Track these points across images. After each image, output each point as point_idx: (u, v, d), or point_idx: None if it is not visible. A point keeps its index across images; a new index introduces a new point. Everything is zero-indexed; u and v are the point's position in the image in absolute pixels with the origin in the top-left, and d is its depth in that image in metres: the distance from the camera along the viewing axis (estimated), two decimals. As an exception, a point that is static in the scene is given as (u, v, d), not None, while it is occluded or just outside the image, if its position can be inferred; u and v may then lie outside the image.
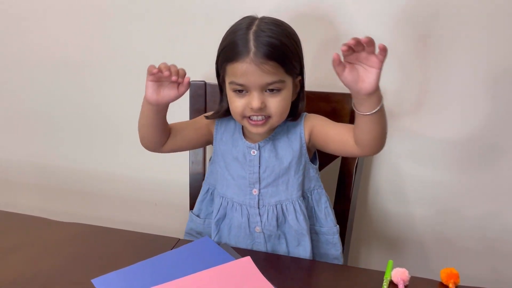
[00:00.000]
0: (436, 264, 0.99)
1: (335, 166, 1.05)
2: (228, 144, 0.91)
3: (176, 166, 1.29)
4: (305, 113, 0.91)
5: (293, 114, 0.88)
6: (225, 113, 0.89)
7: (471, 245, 1.14)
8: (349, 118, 1.01)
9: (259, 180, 0.89)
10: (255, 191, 0.89)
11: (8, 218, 1.00)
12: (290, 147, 0.88)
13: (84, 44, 1.28)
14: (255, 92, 0.80)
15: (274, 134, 0.89)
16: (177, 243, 0.89)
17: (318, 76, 1.10)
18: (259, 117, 0.82)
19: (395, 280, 0.77)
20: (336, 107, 1.02)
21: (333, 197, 1.04)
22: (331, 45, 1.09)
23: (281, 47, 0.79)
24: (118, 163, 1.38)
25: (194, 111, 1.10)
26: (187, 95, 1.10)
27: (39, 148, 1.44)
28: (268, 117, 0.83)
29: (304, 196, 0.91)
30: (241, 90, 0.81)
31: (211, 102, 1.09)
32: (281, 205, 0.89)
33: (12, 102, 1.42)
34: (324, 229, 0.93)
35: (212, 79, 1.14)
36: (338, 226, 0.95)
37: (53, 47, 1.31)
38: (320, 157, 1.02)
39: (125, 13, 1.22)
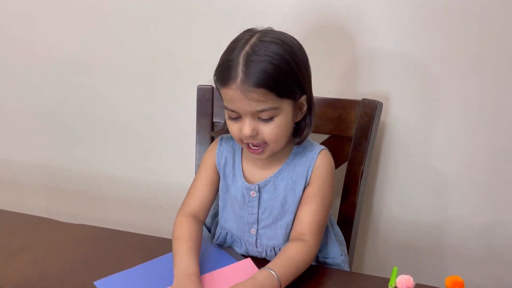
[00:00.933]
0: (441, 272, 0.98)
1: (341, 172, 1.05)
2: (228, 179, 0.87)
3: (182, 169, 1.30)
4: (323, 148, 0.86)
5: (298, 135, 0.83)
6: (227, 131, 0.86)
7: (476, 253, 1.14)
8: (356, 125, 1.01)
9: (257, 221, 0.86)
10: (253, 231, 0.87)
11: (16, 218, 1.01)
12: (293, 191, 0.84)
13: (92, 45, 1.29)
14: (247, 119, 0.76)
15: (278, 172, 0.84)
16: (182, 246, 0.89)
17: (326, 82, 1.11)
18: (256, 146, 0.79)
19: (399, 287, 0.77)
20: (343, 114, 1.03)
21: (338, 203, 1.04)
22: (339, 50, 1.09)
23: (273, 73, 0.72)
24: (124, 166, 1.39)
25: (201, 115, 1.11)
26: (194, 99, 1.11)
27: (46, 150, 1.46)
28: (264, 144, 0.79)
29: None
30: (234, 115, 0.77)
31: (217, 106, 1.09)
32: (279, 247, 0.86)
33: (19, 104, 1.43)
34: (329, 260, 0.91)
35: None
36: (343, 255, 0.92)
37: (60, 48, 1.33)
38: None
39: (133, 14, 1.23)
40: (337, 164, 1.06)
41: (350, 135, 1.02)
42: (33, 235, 0.94)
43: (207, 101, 1.10)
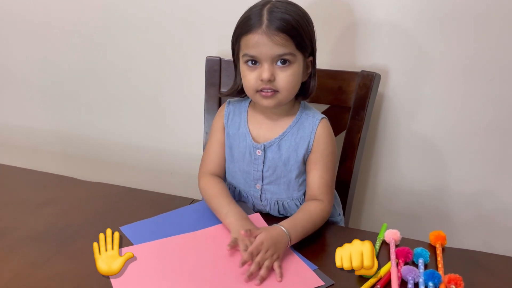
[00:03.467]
0: (428, 231, 1.05)
1: (340, 140, 1.11)
2: (236, 139, 0.95)
3: (191, 137, 1.37)
4: (323, 117, 0.94)
5: (304, 93, 0.92)
6: (239, 91, 0.94)
7: (464, 220, 1.21)
8: (355, 95, 1.07)
9: (262, 178, 0.94)
10: (258, 186, 0.95)
11: (39, 176, 1.10)
12: (295, 152, 0.92)
13: (107, 15, 1.35)
14: (266, 64, 0.84)
15: (282, 134, 0.92)
16: (191, 202, 0.98)
17: (327, 55, 1.17)
18: (269, 91, 0.86)
19: (387, 239, 0.85)
20: (343, 85, 1.09)
21: (336, 168, 1.11)
22: (342, 24, 1.15)
23: (293, 22, 0.83)
24: (136, 134, 1.46)
25: (209, 85, 1.17)
26: (202, 70, 1.18)
27: (63, 118, 1.53)
28: (276, 91, 0.86)
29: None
30: (253, 62, 0.85)
31: (225, 77, 1.16)
32: (282, 202, 0.95)
33: (37, 74, 1.50)
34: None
35: (226, 55, 1.21)
36: (340, 215, 1.02)
37: (77, 18, 1.38)
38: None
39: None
40: (337, 132, 1.12)
41: (349, 105, 1.09)
42: (55, 191, 1.03)
43: (215, 72, 1.17)
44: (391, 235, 0.85)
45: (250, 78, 0.87)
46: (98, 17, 1.36)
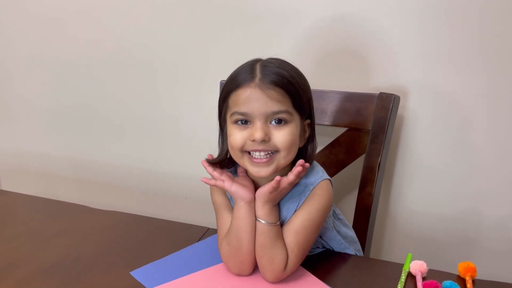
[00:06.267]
0: (455, 261, 1.00)
1: (358, 164, 1.08)
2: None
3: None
4: (326, 178, 0.81)
5: (303, 156, 0.80)
6: (227, 161, 0.82)
7: (492, 245, 1.16)
8: (373, 117, 1.04)
9: None
10: None
11: (52, 205, 1.09)
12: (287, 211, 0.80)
13: (118, 41, 1.36)
14: (259, 122, 0.72)
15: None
16: (206, 231, 0.95)
17: (345, 77, 1.15)
18: (262, 154, 0.73)
19: (413, 271, 0.80)
20: (361, 107, 1.06)
21: (356, 194, 1.08)
22: (358, 46, 1.13)
23: (289, 78, 0.73)
24: (150, 159, 1.45)
25: (224, 109, 1.16)
26: (216, 94, 1.16)
27: (77, 144, 1.53)
28: (274, 152, 0.74)
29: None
30: (243, 122, 0.74)
31: (240, 101, 1.14)
32: None
33: (51, 101, 1.51)
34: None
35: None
36: (356, 254, 0.93)
37: (89, 44, 1.39)
38: (345, 153, 1.07)
39: (160, 10, 1.29)
40: (355, 156, 1.10)
41: (367, 128, 1.06)
42: (69, 220, 1.01)
43: (230, 96, 1.15)
44: (417, 266, 0.80)
45: (237, 137, 0.74)
46: (113, 41, 1.37)
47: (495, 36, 1.02)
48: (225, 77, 1.19)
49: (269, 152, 0.74)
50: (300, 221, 0.78)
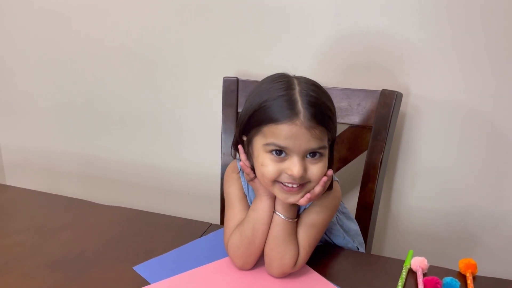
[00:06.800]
0: (456, 258, 1.00)
1: (361, 160, 1.08)
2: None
3: (208, 158, 1.36)
4: (334, 180, 0.84)
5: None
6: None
7: (492, 242, 1.16)
8: (376, 114, 1.04)
9: None
10: None
11: (56, 200, 1.09)
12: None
13: (123, 40, 1.36)
14: (297, 158, 0.72)
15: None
16: (209, 227, 0.96)
17: (349, 74, 1.15)
18: (295, 184, 0.74)
19: (414, 268, 0.81)
20: (364, 104, 1.06)
21: (358, 190, 1.08)
22: (361, 44, 1.13)
23: (330, 114, 0.74)
24: (154, 155, 1.46)
25: (227, 106, 1.16)
26: (220, 91, 1.17)
27: (81, 140, 1.54)
28: (305, 182, 0.75)
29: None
30: (280, 152, 0.73)
31: (242, 97, 1.14)
32: None
33: (56, 98, 1.52)
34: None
35: (244, 75, 1.20)
36: (359, 248, 0.95)
37: (93, 43, 1.40)
38: (347, 150, 1.07)
39: (164, 10, 1.29)
40: (357, 153, 1.10)
41: (370, 125, 1.06)
42: (72, 215, 1.02)
43: (232, 92, 1.16)
44: (418, 263, 0.80)
45: (273, 169, 0.73)
46: (115, 38, 1.37)
47: (499, 34, 1.01)
48: (226, 73, 1.19)
49: (301, 183, 0.75)
50: (311, 219, 0.81)
